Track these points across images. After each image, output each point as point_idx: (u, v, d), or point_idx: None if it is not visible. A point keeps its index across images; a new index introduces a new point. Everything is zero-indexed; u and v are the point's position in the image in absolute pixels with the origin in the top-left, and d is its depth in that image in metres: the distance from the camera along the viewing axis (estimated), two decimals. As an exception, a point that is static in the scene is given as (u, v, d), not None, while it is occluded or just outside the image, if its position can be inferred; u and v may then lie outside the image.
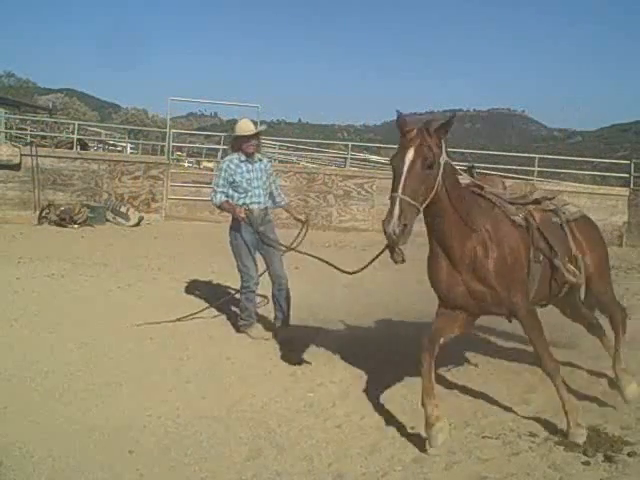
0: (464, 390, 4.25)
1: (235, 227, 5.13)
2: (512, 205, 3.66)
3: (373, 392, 4.15)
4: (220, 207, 5.21)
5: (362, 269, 4.20)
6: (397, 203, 2.95)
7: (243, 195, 5.11)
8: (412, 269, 4.24)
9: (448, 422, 3.36)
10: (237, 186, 5.10)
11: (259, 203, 5.15)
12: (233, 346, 4.97)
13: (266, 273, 5.31)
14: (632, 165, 14.42)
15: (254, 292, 5.27)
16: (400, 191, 2.97)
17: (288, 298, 5.24)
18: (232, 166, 5.12)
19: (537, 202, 3.86)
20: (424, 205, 3.07)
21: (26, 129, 20.77)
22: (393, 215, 2.93)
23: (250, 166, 5.16)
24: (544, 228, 3.68)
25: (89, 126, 25.44)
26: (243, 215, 4.96)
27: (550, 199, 3.98)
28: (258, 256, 5.26)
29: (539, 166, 15.07)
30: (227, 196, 5.13)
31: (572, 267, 3.77)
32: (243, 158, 5.14)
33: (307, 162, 20.21)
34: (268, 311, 5.67)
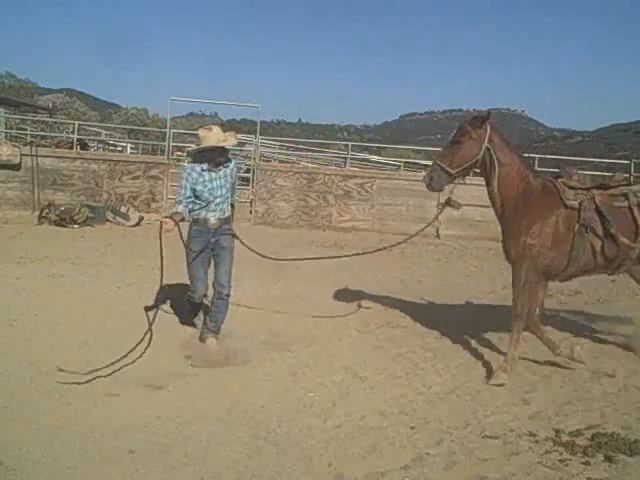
0: (464, 390, 4.25)
1: (190, 235, 4.89)
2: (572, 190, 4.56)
3: (373, 392, 4.16)
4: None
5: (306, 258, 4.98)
6: None
7: (204, 206, 4.80)
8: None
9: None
10: (198, 196, 4.77)
11: (219, 212, 4.85)
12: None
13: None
14: (632, 165, 14.41)
15: (198, 304, 5.18)
16: None
17: (225, 309, 4.95)
18: (194, 174, 4.75)
19: (605, 187, 4.64)
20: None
21: (26, 129, 20.74)
22: None
23: (213, 174, 4.78)
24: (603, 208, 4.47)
25: (89, 126, 25.39)
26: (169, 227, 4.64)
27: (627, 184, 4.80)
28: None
29: (539, 166, 15.06)
30: (188, 207, 4.79)
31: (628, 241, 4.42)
32: (205, 167, 4.77)
33: (307, 162, 20.20)
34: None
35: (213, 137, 4.72)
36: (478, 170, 4.69)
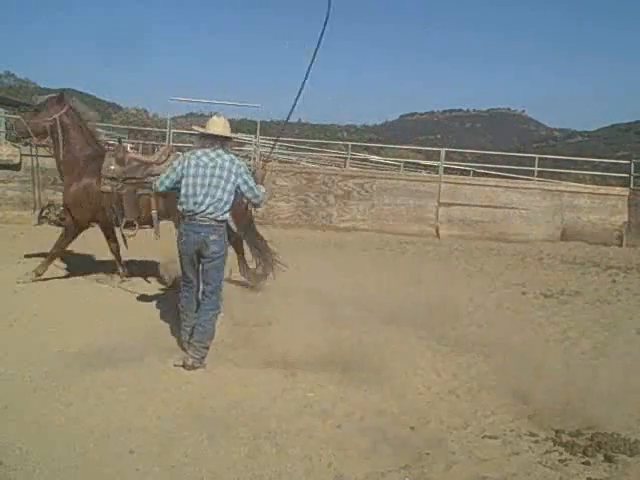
0: (464, 390, 4.25)
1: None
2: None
3: (373, 392, 4.16)
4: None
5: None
6: None
7: None
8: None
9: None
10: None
11: None
12: (233, 346, 4.97)
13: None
14: (632, 165, 14.44)
15: None
16: None
17: None
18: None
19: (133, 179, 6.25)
20: None
21: (26, 129, 20.72)
22: None
23: None
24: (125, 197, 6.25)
25: (89, 126, 25.38)
26: None
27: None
28: None
29: (539, 166, 15.09)
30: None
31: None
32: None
33: (307, 162, 20.19)
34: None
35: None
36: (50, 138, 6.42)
